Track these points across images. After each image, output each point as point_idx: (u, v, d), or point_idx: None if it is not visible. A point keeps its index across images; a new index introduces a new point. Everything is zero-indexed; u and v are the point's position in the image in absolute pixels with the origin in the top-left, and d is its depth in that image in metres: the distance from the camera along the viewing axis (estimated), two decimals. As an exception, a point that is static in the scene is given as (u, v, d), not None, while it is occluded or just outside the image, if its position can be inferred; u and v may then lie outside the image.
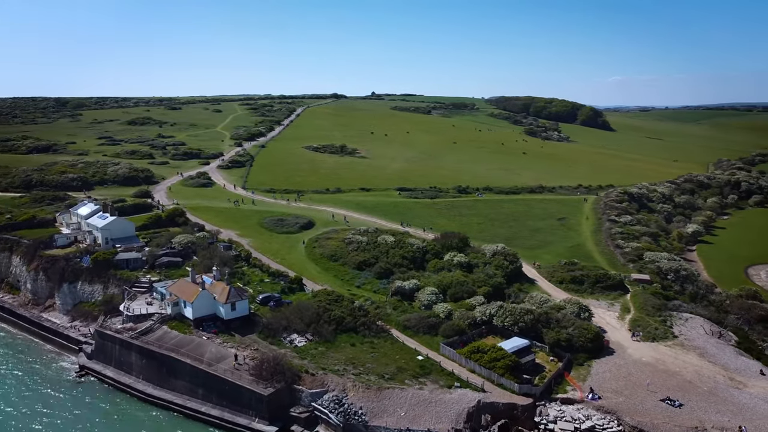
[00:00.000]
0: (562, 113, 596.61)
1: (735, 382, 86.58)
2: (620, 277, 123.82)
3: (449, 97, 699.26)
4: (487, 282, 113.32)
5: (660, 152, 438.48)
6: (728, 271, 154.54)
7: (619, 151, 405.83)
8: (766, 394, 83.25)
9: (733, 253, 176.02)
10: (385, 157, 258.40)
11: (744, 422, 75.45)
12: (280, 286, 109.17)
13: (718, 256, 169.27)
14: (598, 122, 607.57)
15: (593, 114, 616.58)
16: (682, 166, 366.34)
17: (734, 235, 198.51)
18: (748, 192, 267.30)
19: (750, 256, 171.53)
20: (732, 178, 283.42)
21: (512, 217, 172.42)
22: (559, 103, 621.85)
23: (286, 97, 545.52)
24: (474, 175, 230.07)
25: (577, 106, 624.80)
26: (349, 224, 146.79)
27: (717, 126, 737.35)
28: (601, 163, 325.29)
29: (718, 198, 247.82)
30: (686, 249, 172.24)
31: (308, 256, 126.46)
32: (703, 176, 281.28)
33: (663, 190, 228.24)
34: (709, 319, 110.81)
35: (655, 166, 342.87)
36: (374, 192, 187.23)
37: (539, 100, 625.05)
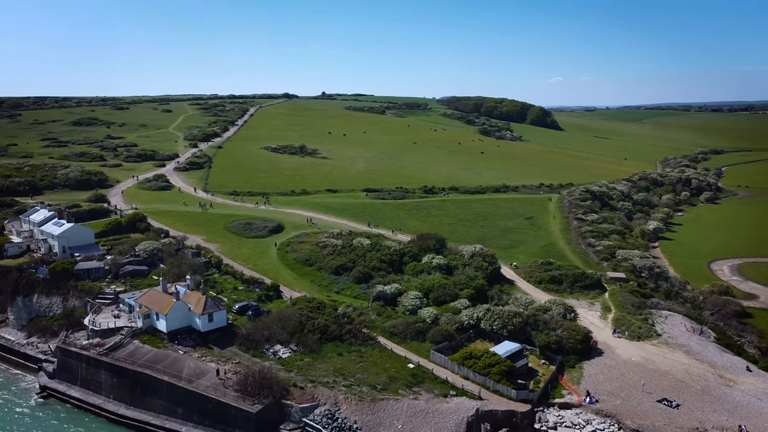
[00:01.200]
0: (512, 113, 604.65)
1: (725, 380, 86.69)
2: (597, 276, 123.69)
3: (401, 97, 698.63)
4: (468, 284, 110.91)
5: (609, 151, 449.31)
6: (692, 266, 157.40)
7: (570, 150, 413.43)
8: (757, 391, 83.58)
9: (694, 248, 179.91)
10: (346, 157, 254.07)
11: (741, 421, 75.22)
12: (256, 294, 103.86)
13: (680, 252, 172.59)
14: (547, 122, 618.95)
15: (542, 114, 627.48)
16: (631, 164, 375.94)
17: (692, 231, 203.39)
18: (699, 189, 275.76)
19: (711, 252, 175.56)
20: (683, 175, 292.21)
21: (481, 217, 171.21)
22: (509, 103, 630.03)
23: (236, 97, 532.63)
24: (437, 175, 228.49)
25: (527, 106, 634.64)
26: (319, 227, 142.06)
27: (658, 125, 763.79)
28: (556, 161, 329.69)
29: (671, 195, 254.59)
30: (650, 246, 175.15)
31: (281, 261, 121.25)
32: (657, 174, 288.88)
33: (622, 188, 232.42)
34: (686, 316, 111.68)
35: (607, 165, 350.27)
36: (341, 193, 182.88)
37: (490, 100, 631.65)
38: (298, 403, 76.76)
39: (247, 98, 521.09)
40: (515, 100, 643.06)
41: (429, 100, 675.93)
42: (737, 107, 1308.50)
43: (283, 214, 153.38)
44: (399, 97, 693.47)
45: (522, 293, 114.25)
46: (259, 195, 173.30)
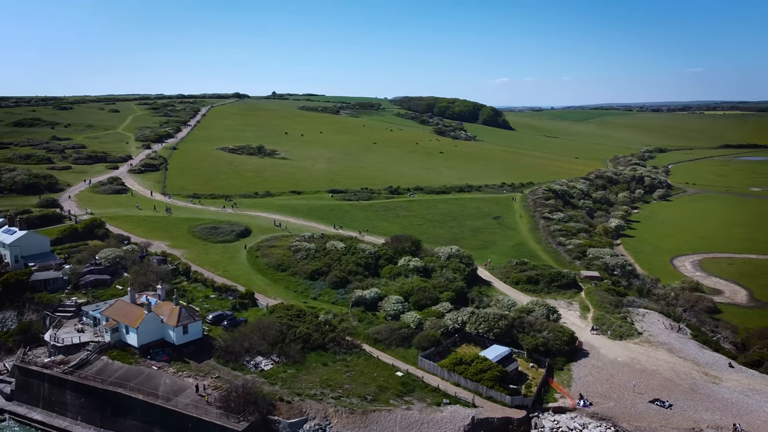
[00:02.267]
0: (464, 113, 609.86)
1: (710, 377, 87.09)
2: (573, 276, 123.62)
3: (354, 97, 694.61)
4: (448, 287, 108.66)
5: (560, 150, 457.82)
6: (656, 263, 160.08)
7: (524, 150, 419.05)
8: (743, 387, 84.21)
9: (655, 245, 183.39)
10: (306, 158, 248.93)
11: (733, 419, 75.28)
12: (229, 303, 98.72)
13: (642, 249, 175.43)
14: (499, 122, 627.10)
15: (493, 114, 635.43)
16: (583, 162, 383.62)
17: (650, 228, 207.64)
18: (652, 186, 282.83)
19: (671, 248, 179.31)
20: (636, 173, 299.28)
21: (450, 217, 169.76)
22: (461, 103, 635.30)
23: (185, 97, 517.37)
24: (400, 175, 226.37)
25: (478, 106, 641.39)
26: (289, 230, 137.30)
27: (603, 125, 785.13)
28: (513, 161, 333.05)
29: (627, 193, 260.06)
30: (613, 243, 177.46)
31: (252, 266, 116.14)
32: (611, 172, 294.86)
33: (581, 187, 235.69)
34: (661, 313, 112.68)
35: (561, 163, 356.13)
36: (306, 195, 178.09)
37: (442, 100, 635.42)
38: (286, 418, 72.57)
39: (196, 98, 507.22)
40: (467, 101, 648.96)
41: (382, 100, 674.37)
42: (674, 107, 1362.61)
43: (248, 217, 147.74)
44: (351, 97, 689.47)
45: (501, 294, 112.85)
46: (222, 197, 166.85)
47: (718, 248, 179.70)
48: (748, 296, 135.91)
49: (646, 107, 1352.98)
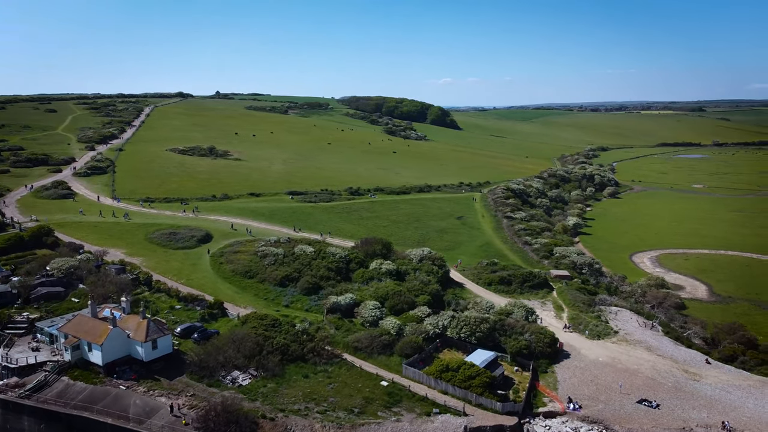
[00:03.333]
0: (413, 113, 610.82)
1: (691, 375, 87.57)
2: (544, 275, 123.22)
3: (301, 96, 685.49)
4: (423, 290, 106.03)
5: (508, 149, 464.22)
6: (616, 260, 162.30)
7: (474, 149, 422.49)
8: (723, 383, 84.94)
9: (612, 242, 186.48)
10: (261, 158, 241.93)
11: (720, 416, 75.42)
12: (197, 314, 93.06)
13: (600, 246, 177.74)
14: (447, 121, 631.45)
15: (442, 113, 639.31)
16: (533, 161, 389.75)
17: (605, 225, 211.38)
18: (601, 184, 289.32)
19: (628, 245, 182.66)
20: (585, 172, 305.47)
21: (414, 218, 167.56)
22: (409, 103, 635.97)
23: (126, 96, 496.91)
24: (358, 176, 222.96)
25: (426, 105, 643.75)
26: (253, 235, 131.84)
27: (547, 124, 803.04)
28: (466, 160, 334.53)
29: (579, 191, 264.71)
30: (573, 241, 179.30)
31: (217, 273, 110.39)
32: (563, 171, 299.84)
33: (537, 186, 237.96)
34: (632, 311, 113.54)
35: (512, 162, 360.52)
36: (265, 197, 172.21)
37: (390, 100, 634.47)
38: (271, 436, 68.19)
39: (138, 97, 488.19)
40: (414, 101, 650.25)
41: (329, 100, 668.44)
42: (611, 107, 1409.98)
43: (207, 221, 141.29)
44: (299, 96, 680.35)
45: (476, 297, 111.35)
46: (177, 201, 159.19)
47: (673, 244, 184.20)
48: (708, 291, 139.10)
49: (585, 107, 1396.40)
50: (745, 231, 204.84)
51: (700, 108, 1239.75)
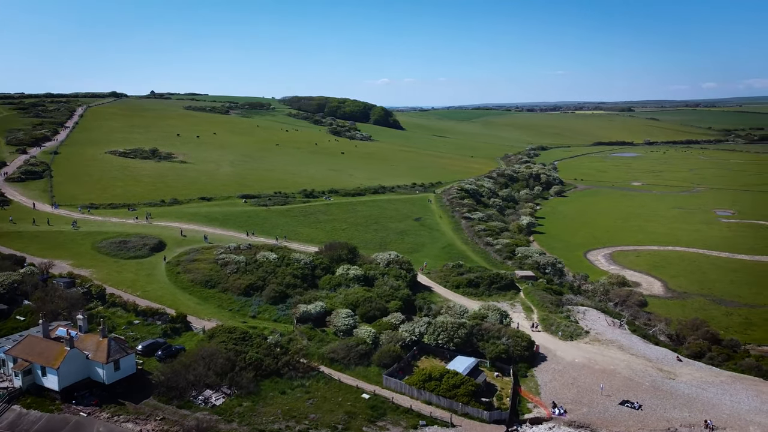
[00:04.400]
0: (355, 113, 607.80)
1: (665, 373, 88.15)
2: (510, 276, 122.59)
3: (241, 96, 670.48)
4: (394, 295, 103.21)
5: (452, 149, 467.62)
6: (572, 258, 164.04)
7: (420, 149, 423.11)
8: (697, 381, 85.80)
9: (565, 240, 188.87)
10: (207, 161, 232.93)
11: (700, 414, 75.71)
12: (159, 329, 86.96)
13: (555, 245, 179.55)
14: (390, 122, 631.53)
15: (384, 114, 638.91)
16: (478, 161, 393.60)
17: (555, 224, 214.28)
18: (548, 183, 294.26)
19: (581, 243, 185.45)
20: (532, 171, 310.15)
21: (372, 220, 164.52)
22: (351, 103, 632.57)
23: (55, 96, 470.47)
24: (310, 178, 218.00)
25: (369, 106, 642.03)
26: (210, 241, 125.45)
27: (487, 124, 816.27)
28: (414, 161, 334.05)
29: (528, 190, 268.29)
30: (529, 241, 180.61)
31: (175, 284, 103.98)
32: (510, 170, 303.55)
33: (489, 185, 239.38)
34: (598, 310, 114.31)
35: (459, 162, 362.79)
36: (217, 201, 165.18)
37: (333, 100, 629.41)
38: (252, 460, 63.68)
39: (69, 97, 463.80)
40: (357, 101, 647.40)
41: (270, 100, 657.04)
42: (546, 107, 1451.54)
43: (159, 228, 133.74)
44: (238, 96, 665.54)
45: (445, 300, 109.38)
46: (123, 207, 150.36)
47: (623, 241, 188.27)
48: (664, 287, 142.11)
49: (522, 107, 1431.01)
50: (687, 227, 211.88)
51: (629, 108, 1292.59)
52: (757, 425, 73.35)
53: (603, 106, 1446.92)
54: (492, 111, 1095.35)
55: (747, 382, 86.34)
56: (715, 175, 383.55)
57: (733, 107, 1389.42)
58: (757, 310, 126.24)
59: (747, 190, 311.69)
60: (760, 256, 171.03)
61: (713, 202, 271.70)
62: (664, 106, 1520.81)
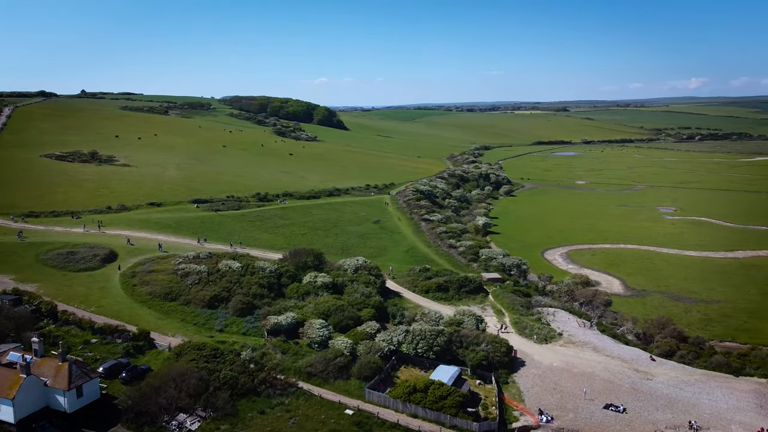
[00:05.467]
0: (299, 113, 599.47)
1: (642, 374, 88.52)
2: (479, 279, 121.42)
3: (178, 96, 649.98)
4: (366, 303, 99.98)
5: (398, 149, 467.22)
6: (530, 257, 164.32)
7: (367, 150, 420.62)
8: (674, 381, 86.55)
9: (521, 240, 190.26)
10: (151, 163, 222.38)
11: (684, 415, 76.11)
12: (120, 348, 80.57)
13: (512, 245, 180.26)
14: (334, 122, 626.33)
15: (328, 114, 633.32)
16: (425, 161, 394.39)
17: (509, 224, 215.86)
18: (497, 183, 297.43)
19: (536, 242, 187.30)
20: (481, 171, 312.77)
21: (331, 224, 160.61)
22: (294, 103, 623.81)
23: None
24: (261, 181, 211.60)
25: (312, 105, 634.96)
26: (165, 250, 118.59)
27: (430, 124, 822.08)
28: (364, 161, 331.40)
29: (479, 190, 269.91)
30: (487, 242, 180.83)
31: (132, 297, 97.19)
32: (461, 171, 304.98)
33: (443, 186, 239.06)
34: (566, 311, 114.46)
35: (408, 162, 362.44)
36: (167, 207, 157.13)
37: (275, 100, 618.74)
38: (236, 489, 59.21)
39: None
40: (300, 100, 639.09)
41: (210, 100, 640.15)
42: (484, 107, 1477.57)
43: (108, 236, 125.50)
44: (176, 96, 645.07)
45: (416, 305, 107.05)
46: (67, 215, 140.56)
47: (577, 240, 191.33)
48: (623, 285, 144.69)
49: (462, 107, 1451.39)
50: (634, 225, 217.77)
51: (565, 108, 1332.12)
52: (738, 424, 74.23)
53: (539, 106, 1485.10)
54: (434, 111, 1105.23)
55: (720, 380, 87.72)
56: (653, 173, 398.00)
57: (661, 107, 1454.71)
58: (712, 306, 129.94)
59: (684, 188, 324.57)
60: (707, 252, 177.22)
61: (655, 199, 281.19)
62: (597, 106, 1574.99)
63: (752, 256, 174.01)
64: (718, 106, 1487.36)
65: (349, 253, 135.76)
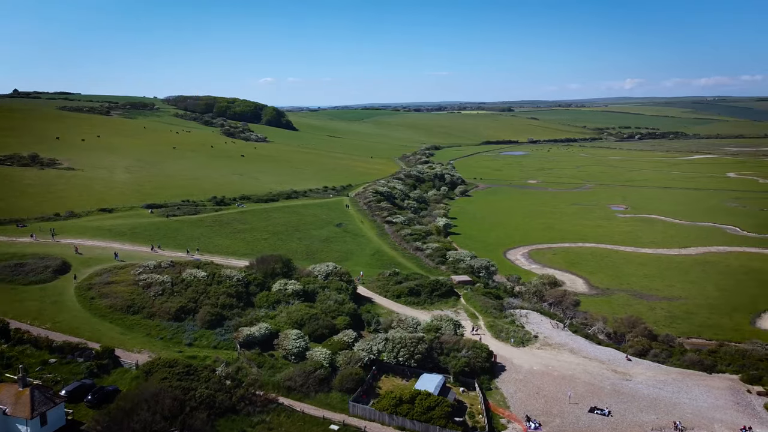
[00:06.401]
0: (246, 113, 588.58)
1: (621, 375, 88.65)
2: (450, 283, 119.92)
3: (119, 96, 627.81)
4: (340, 311, 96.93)
5: (351, 150, 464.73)
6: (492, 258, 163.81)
7: (319, 151, 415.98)
8: (653, 380, 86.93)
9: (482, 240, 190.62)
10: (98, 167, 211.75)
11: (668, 416, 76.26)
12: (83, 367, 74.78)
13: (474, 246, 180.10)
14: (282, 122, 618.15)
15: (277, 114, 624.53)
16: (379, 162, 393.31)
17: (468, 224, 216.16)
18: (452, 183, 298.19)
19: (496, 242, 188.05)
20: (437, 171, 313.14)
21: (293, 228, 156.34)
22: (242, 103, 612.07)
23: None
24: (216, 184, 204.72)
25: (260, 106, 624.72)
26: (121, 259, 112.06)
27: (379, 124, 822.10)
28: (318, 163, 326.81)
29: (435, 190, 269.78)
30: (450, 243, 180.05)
31: (91, 311, 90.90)
32: (417, 171, 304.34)
33: (401, 187, 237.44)
34: (537, 312, 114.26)
35: (362, 163, 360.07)
36: (120, 212, 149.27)
37: (221, 100, 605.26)
38: None
39: None
40: (247, 100, 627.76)
41: (154, 100, 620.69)
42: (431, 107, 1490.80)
43: (59, 246, 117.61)
44: (117, 96, 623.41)
45: (389, 311, 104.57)
46: (11, 223, 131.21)
47: (536, 239, 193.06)
48: (586, 284, 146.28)
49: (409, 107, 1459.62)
50: (589, 223, 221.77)
51: (509, 108, 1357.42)
52: (720, 423, 74.83)
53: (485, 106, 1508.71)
54: (382, 111, 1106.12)
55: (696, 378, 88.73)
56: (600, 171, 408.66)
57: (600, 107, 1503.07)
58: (675, 302, 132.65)
59: (631, 186, 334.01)
60: (662, 249, 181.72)
61: (605, 197, 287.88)
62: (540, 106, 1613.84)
63: (704, 252, 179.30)
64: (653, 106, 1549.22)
65: (315, 258, 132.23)
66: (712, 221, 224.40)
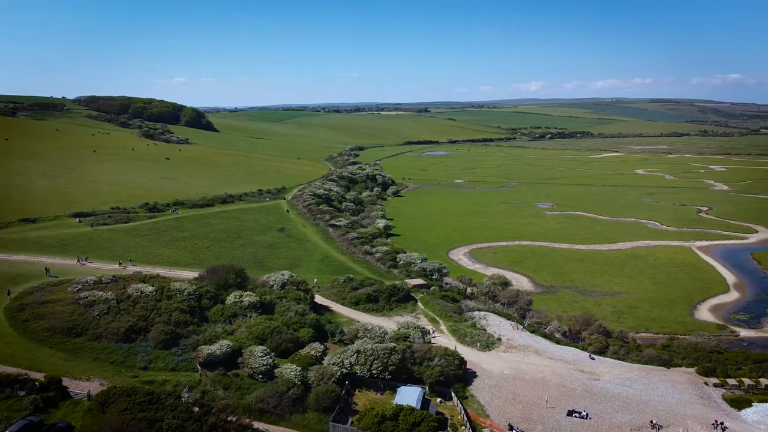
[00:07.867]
0: (164, 114, 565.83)
1: (588, 374, 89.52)
2: (406, 287, 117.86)
3: (23, 96, 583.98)
4: (302, 322, 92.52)
5: (276, 151, 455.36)
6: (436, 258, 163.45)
7: (245, 152, 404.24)
8: (619, 378, 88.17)
9: (423, 241, 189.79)
10: (11, 172, 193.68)
11: (641, 414, 77.27)
12: (26, 402, 66.52)
13: (416, 247, 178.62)
14: (203, 123, 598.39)
15: (197, 115, 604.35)
16: (305, 163, 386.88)
17: (405, 224, 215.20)
18: (384, 184, 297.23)
19: (437, 243, 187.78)
20: (368, 172, 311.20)
21: (234, 234, 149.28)
22: (159, 103, 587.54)
23: None
24: (144, 189, 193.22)
25: (179, 106, 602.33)
26: (54, 274, 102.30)
27: (301, 125, 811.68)
28: (247, 165, 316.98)
29: (368, 192, 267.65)
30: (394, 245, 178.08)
31: (26, 336, 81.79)
32: (349, 172, 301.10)
33: (337, 189, 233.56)
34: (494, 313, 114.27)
35: (291, 165, 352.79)
36: (44, 222, 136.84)
37: (137, 100, 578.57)
38: None
39: None
40: (165, 101, 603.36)
41: (63, 100, 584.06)
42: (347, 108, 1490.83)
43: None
44: (21, 96, 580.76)
45: (351, 320, 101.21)
46: None
47: (475, 239, 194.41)
48: (531, 282, 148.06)
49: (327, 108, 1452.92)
50: (521, 221, 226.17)
51: (426, 109, 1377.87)
52: (692, 419, 76.55)
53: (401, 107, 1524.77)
54: (302, 112, 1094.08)
55: (657, 374, 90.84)
56: (520, 170, 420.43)
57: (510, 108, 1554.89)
58: (618, 297, 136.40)
59: (551, 183, 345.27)
60: (593, 245, 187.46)
61: (531, 195, 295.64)
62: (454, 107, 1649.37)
63: (632, 247, 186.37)
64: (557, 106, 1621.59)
65: (263, 265, 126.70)
66: (633, 216, 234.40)
